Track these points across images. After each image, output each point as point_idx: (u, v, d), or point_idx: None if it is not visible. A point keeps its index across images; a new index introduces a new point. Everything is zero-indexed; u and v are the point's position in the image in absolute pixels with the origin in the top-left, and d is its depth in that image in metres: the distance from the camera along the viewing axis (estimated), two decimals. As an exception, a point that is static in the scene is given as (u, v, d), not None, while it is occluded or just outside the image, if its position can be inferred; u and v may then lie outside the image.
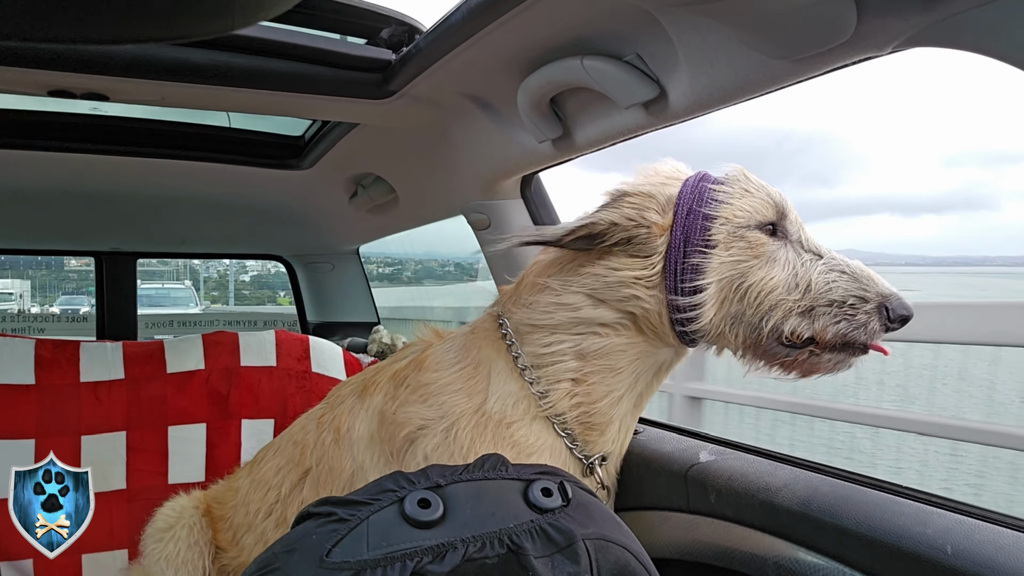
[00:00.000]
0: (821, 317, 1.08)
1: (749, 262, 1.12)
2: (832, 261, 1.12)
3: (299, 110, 1.66)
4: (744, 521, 1.29)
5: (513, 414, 1.22)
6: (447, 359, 1.32)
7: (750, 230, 1.13)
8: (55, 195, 2.43)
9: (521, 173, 1.75)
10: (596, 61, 1.17)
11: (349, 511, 0.74)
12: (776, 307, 1.09)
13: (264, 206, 2.71)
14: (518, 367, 1.25)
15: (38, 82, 1.35)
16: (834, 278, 1.09)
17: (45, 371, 1.90)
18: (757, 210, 1.14)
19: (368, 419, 1.36)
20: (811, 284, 1.09)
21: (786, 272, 1.11)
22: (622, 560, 0.79)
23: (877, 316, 1.07)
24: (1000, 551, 0.95)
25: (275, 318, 6.58)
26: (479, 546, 0.71)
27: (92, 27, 0.42)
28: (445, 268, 11.16)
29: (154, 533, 1.64)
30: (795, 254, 1.13)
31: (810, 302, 1.09)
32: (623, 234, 1.17)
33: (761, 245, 1.12)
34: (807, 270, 1.11)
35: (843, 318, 1.07)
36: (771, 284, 1.10)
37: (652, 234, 1.17)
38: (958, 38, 0.79)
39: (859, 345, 1.10)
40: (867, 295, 1.08)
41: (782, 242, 1.14)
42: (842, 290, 1.08)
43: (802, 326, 1.09)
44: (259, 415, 2.12)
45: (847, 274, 1.10)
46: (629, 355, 1.22)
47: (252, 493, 1.56)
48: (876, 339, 1.09)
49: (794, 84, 1.04)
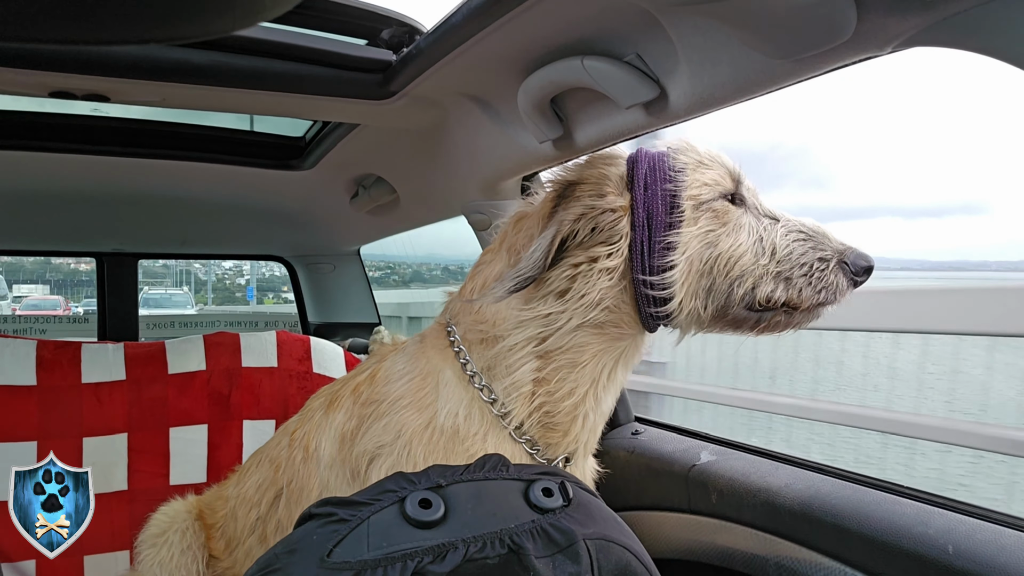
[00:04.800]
0: (796, 282, 1.10)
1: (716, 231, 1.12)
2: (789, 224, 1.13)
3: (300, 111, 1.66)
4: (745, 521, 1.29)
5: (467, 428, 1.18)
6: (396, 370, 1.29)
7: (715, 200, 1.13)
8: (57, 196, 2.43)
9: (522, 173, 1.75)
10: (596, 61, 1.16)
11: (350, 511, 0.74)
12: (746, 274, 1.10)
13: (265, 207, 2.71)
14: (467, 374, 1.21)
15: (39, 83, 1.36)
16: (795, 239, 1.11)
17: (46, 372, 1.90)
18: (717, 181, 1.14)
19: (331, 438, 1.33)
20: (776, 249, 1.11)
21: (751, 238, 1.12)
22: (623, 560, 0.79)
23: (842, 273, 1.10)
24: (1001, 551, 0.95)
25: (271, 319, 6.82)
26: (480, 546, 0.71)
27: (93, 28, 0.42)
28: (432, 272, 11.20)
29: (148, 539, 1.64)
30: (756, 220, 1.14)
31: (778, 267, 1.10)
32: (587, 225, 1.13)
33: (726, 214, 1.12)
34: (770, 234, 1.12)
35: (814, 282, 1.09)
36: (739, 251, 1.11)
37: (616, 216, 1.14)
38: (958, 38, 0.79)
39: (831, 304, 1.13)
40: (825, 255, 1.10)
41: (742, 209, 1.15)
42: (805, 254, 1.10)
43: (777, 292, 1.10)
44: (260, 416, 2.12)
45: (805, 235, 1.11)
46: (593, 347, 1.18)
47: (239, 508, 1.56)
48: (846, 295, 1.12)
49: (794, 84, 1.04)
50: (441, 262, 9.91)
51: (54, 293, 15.71)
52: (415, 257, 8.98)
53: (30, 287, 15.50)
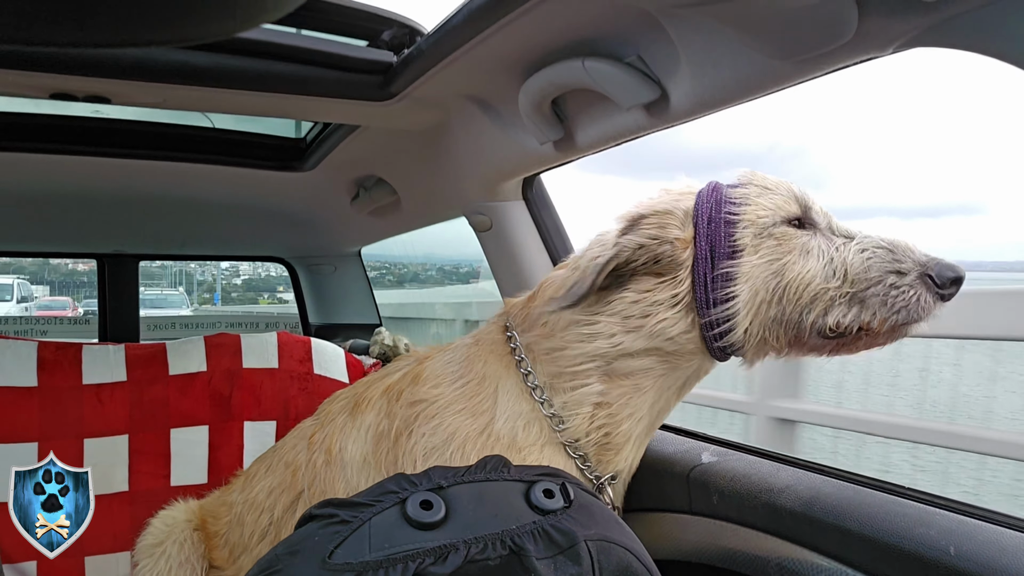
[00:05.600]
0: (870, 303, 1.03)
1: (783, 259, 1.08)
2: (865, 240, 1.06)
3: (300, 112, 1.66)
4: (746, 522, 1.29)
5: (525, 438, 1.18)
6: (448, 372, 1.28)
7: (776, 227, 1.09)
8: (58, 198, 2.43)
9: (523, 175, 1.75)
10: (597, 62, 1.17)
11: (351, 513, 0.74)
12: (817, 299, 1.05)
13: (266, 208, 2.71)
14: (528, 386, 1.21)
15: (40, 85, 1.36)
16: (868, 256, 1.04)
17: (47, 373, 1.90)
18: (779, 206, 1.10)
19: (361, 440, 1.32)
20: (847, 268, 1.04)
21: (822, 261, 1.06)
22: (624, 561, 0.79)
23: (924, 288, 1.01)
24: (1003, 552, 0.95)
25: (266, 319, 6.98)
26: (481, 547, 0.71)
27: (93, 30, 0.42)
28: (427, 272, 11.21)
29: (145, 548, 1.62)
30: (827, 241, 1.09)
31: (851, 288, 1.04)
32: (648, 255, 1.14)
33: (791, 239, 1.08)
34: (842, 254, 1.06)
35: (890, 301, 1.02)
36: (808, 276, 1.06)
37: (676, 249, 1.14)
38: (960, 38, 0.79)
39: (913, 322, 1.04)
40: (903, 267, 1.02)
41: (811, 232, 1.10)
42: (877, 268, 1.03)
43: (848, 317, 1.04)
44: (261, 417, 2.12)
45: (881, 248, 1.04)
46: (657, 372, 1.18)
47: (246, 514, 1.54)
48: (934, 312, 1.03)
49: (796, 84, 1.04)
50: (438, 262, 9.92)
51: (54, 294, 15.92)
52: (411, 257, 8.96)
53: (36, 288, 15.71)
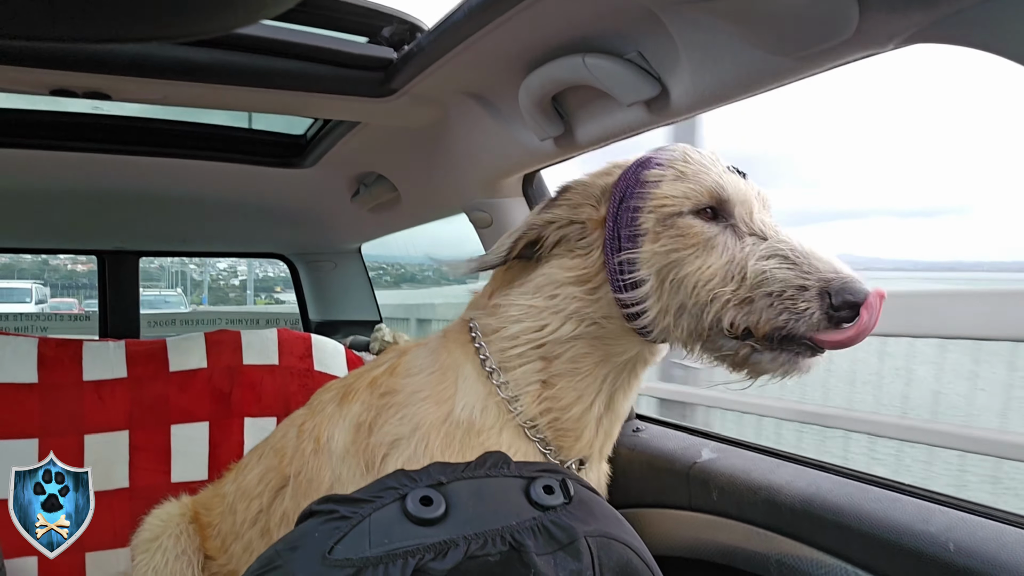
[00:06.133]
0: (758, 308, 0.96)
1: (681, 252, 1.03)
2: (776, 245, 0.98)
3: (301, 109, 1.66)
4: (746, 518, 1.30)
5: (483, 421, 1.17)
6: (418, 364, 1.29)
7: (682, 216, 1.04)
8: (58, 194, 2.43)
9: (523, 171, 1.75)
10: (598, 59, 1.16)
11: (351, 508, 0.74)
12: (715, 298, 0.99)
13: (266, 205, 2.71)
14: (486, 370, 1.21)
15: (40, 81, 1.36)
16: (772, 265, 0.96)
17: (48, 370, 1.91)
18: (687, 195, 1.04)
19: (345, 429, 1.32)
20: (746, 271, 0.98)
21: (723, 259, 1.00)
22: (624, 557, 0.79)
23: (818, 304, 0.92)
24: (1003, 548, 0.95)
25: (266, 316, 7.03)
26: (481, 544, 0.71)
27: (94, 26, 0.42)
28: (425, 272, 11.21)
29: (141, 543, 1.63)
30: (735, 239, 1.02)
31: (747, 292, 0.97)
32: (557, 233, 1.13)
33: (694, 232, 1.03)
34: (744, 256, 0.99)
35: (782, 309, 0.94)
36: (708, 274, 1.00)
37: (587, 228, 1.12)
38: (961, 34, 0.79)
39: (800, 339, 0.96)
40: (807, 282, 0.93)
41: (721, 226, 1.04)
42: (779, 278, 0.95)
43: (739, 317, 0.98)
44: (262, 413, 2.13)
45: (787, 258, 0.96)
46: (594, 357, 1.16)
47: (238, 502, 1.55)
48: (819, 331, 0.94)
49: (796, 81, 1.03)
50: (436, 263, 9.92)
51: (56, 295, 16.29)
52: (409, 258, 8.93)
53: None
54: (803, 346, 0.97)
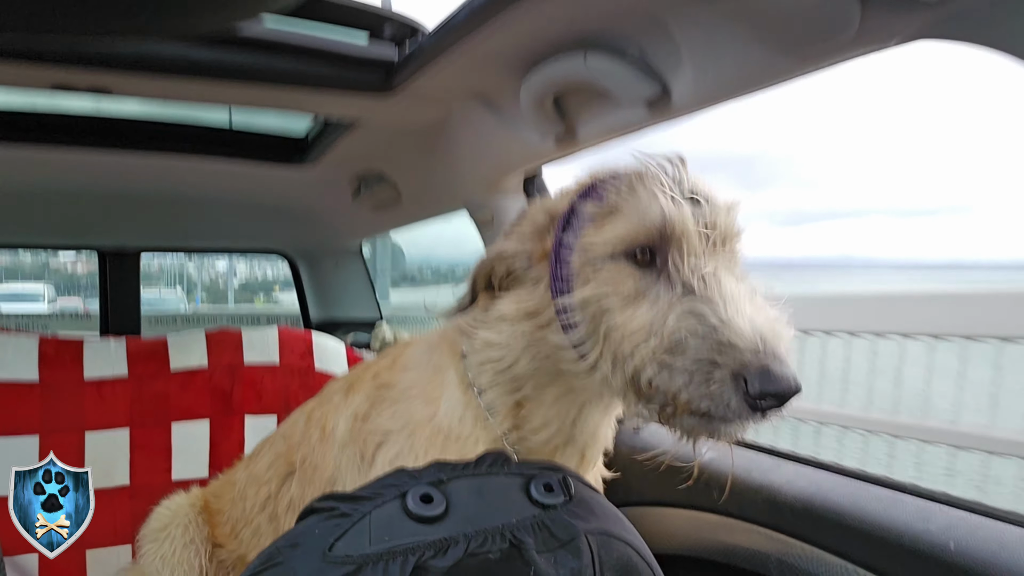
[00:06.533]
0: (676, 379, 0.85)
1: (611, 299, 0.93)
2: (697, 306, 0.86)
3: (302, 106, 1.66)
4: (747, 517, 1.30)
5: (460, 429, 1.15)
6: (415, 359, 1.28)
7: (613, 259, 0.94)
8: (59, 191, 2.44)
9: (524, 169, 1.75)
10: (599, 58, 1.16)
11: (351, 506, 0.74)
12: (635, 353, 0.90)
13: (267, 203, 2.72)
14: (468, 377, 1.17)
15: (42, 76, 1.36)
16: (688, 328, 0.85)
17: (49, 368, 1.91)
18: (623, 235, 0.93)
19: (347, 419, 1.33)
20: (664, 332, 0.87)
21: (651, 312, 0.90)
22: (625, 556, 0.79)
23: (734, 390, 0.80)
24: (1003, 548, 0.95)
25: (267, 314, 7.10)
26: (481, 541, 0.71)
27: (94, 20, 0.42)
28: (423, 273, 11.23)
29: (150, 533, 1.64)
30: (668, 288, 0.90)
31: (664, 354, 0.86)
32: (505, 266, 1.06)
33: (623, 279, 0.93)
34: (666, 312, 0.88)
35: (697, 391, 0.83)
36: (633, 326, 0.91)
37: (533, 261, 1.05)
38: (963, 31, 0.79)
39: (721, 421, 0.85)
40: (720, 357, 0.81)
41: (655, 272, 0.92)
42: (692, 347, 0.84)
43: (657, 379, 0.87)
44: (262, 411, 2.13)
45: (706, 322, 0.84)
46: (556, 389, 1.09)
47: (248, 488, 1.57)
48: (743, 423, 0.84)
49: (797, 78, 1.04)
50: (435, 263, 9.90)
51: (60, 295, 16.53)
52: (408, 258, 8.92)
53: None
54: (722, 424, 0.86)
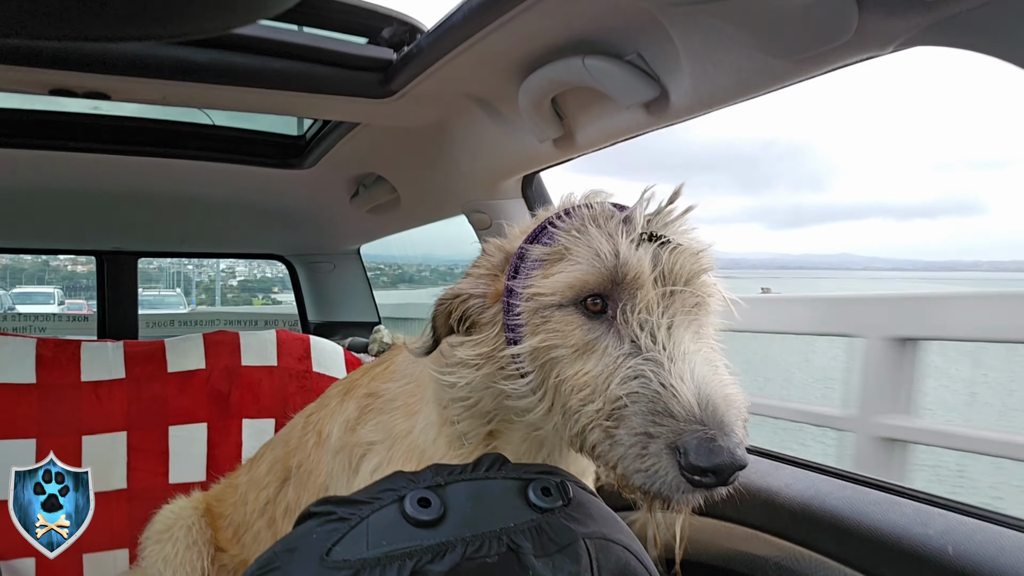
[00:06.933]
0: (616, 448, 0.80)
1: (560, 350, 0.87)
2: (640, 366, 0.80)
3: (300, 109, 1.66)
4: (745, 522, 1.29)
5: (433, 450, 1.11)
6: (401, 368, 1.27)
7: (561, 309, 0.87)
8: (57, 194, 2.43)
9: (522, 173, 1.75)
10: (597, 61, 1.16)
11: (349, 510, 0.74)
12: (581, 414, 0.84)
13: (265, 206, 2.71)
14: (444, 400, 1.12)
15: (40, 81, 1.36)
16: (628, 394, 0.79)
17: (46, 370, 1.90)
18: (572, 282, 0.86)
19: (340, 427, 1.32)
20: (607, 397, 0.81)
21: (599, 367, 0.84)
22: (623, 560, 0.79)
23: (670, 464, 0.75)
24: (1002, 552, 0.95)
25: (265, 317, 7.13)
26: (478, 546, 0.71)
27: (92, 25, 0.42)
28: (422, 273, 11.22)
29: (153, 535, 1.65)
30: (617, 341, 0.84)
31: (606, 419, 0.81)
32: (461, 308, 1.01)
33: (572, 331, 0.87)
34: (613, 370, 0.82)
35: (633, 465, 0.78)
36: (582, 382, 0.85)
37: (485, 304, 1.00)
38: (959, 37, 0.79)
39: (660, 496, 0.80)
40: (656, 428, 0.75)
41: (606, 323, 0.86)
42: (629, 415, 0.78)
43: (602, 447, 0.82)
44: (260, 415, 2.12)
45: (648, 385, 0.78)
46: (521, 429, 1.04)
47: (249, 492, 1.57)
48: (682, 498, 0.79)
49: (796, 83, 1.04)
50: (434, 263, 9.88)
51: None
52: (407, 258, 8.91)
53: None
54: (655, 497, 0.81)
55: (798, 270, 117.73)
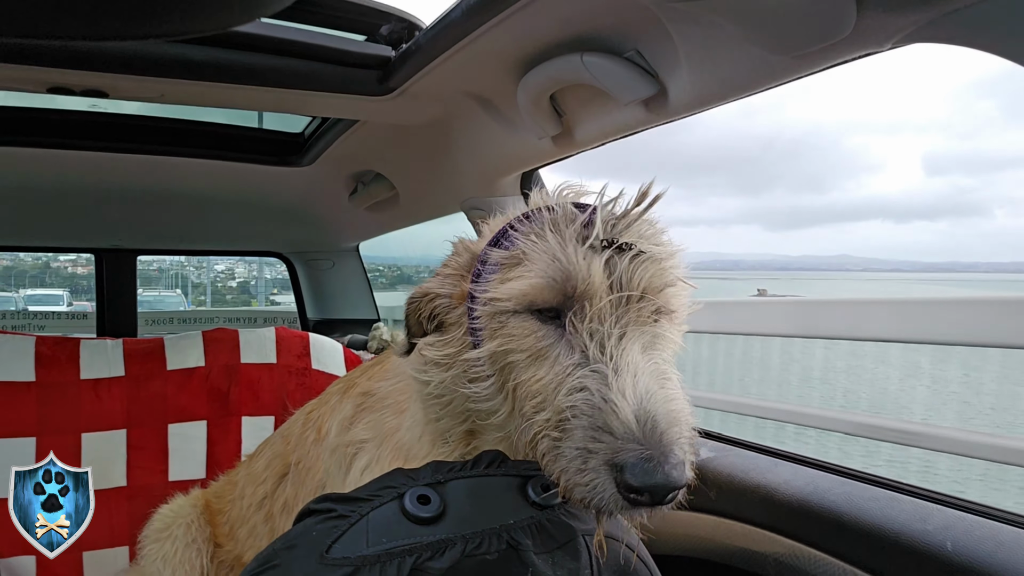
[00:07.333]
0: (559, 461, 0.78)
1: (516, 355, 0.87)
2: (584, 378, 0.79)
3: (299, 107, 1.66)
4: (744, 518, 1.30)
5: (417, 448, 1.10)
6: (394, 366, 1.26)
7: (517, 315, 0.87)
8: (56, 192, 2.43)
9: (521, 170, 1.75)
10: (596, 57, 1.16)
11: (349, 507, 0.74)
12: (534, 420, 0.83)
13: (264, 203, 2.71)
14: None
15: (38, 79, 1.35)
16: (573, 406, 0.78)
17: (45, 368, 1.90)
18: (527, 290, 0.85)
19: (338, 424, 1.31)
20: (554, 407, 0.80)
21: (550, 376, 0.83)
22: (623, 557, 0.79)
23: (609, 481, 0.73)
24: (1000, 547, 0.95)
25: (264, 315, 7.15)
26: (478, 543, 0.71)
27: (92, 23, 0.42)
28: (420, 274, 11.22)
29: (152, 533, 1.65)
30: (569, 350, 0.83)
31: (552, 429, 0.80)
32: (429, 307, 1.00)
33: (526, 336, 0.86)
34: (562, 381, 0.81)
35: (573, 471, 0.76)
36: (535, 388, 0.84)
37: (451, 305, 0.99)
38: (957, 34, 0.79)
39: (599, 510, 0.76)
40: (594, 444, 0.74)
41: (560, 331, 0.85)
42: (571, 428, 0.77)
43: (548, 457, 0.80)
44: (259, 412, 2.12)
45: (590, 400, 0.77)
46: (496, 431, 1.00)
47: (247, 487, 1.57)
48: (623, 515, 0.77)
49: (794, 80, 1.04)
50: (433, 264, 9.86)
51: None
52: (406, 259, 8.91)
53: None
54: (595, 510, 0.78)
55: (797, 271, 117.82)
